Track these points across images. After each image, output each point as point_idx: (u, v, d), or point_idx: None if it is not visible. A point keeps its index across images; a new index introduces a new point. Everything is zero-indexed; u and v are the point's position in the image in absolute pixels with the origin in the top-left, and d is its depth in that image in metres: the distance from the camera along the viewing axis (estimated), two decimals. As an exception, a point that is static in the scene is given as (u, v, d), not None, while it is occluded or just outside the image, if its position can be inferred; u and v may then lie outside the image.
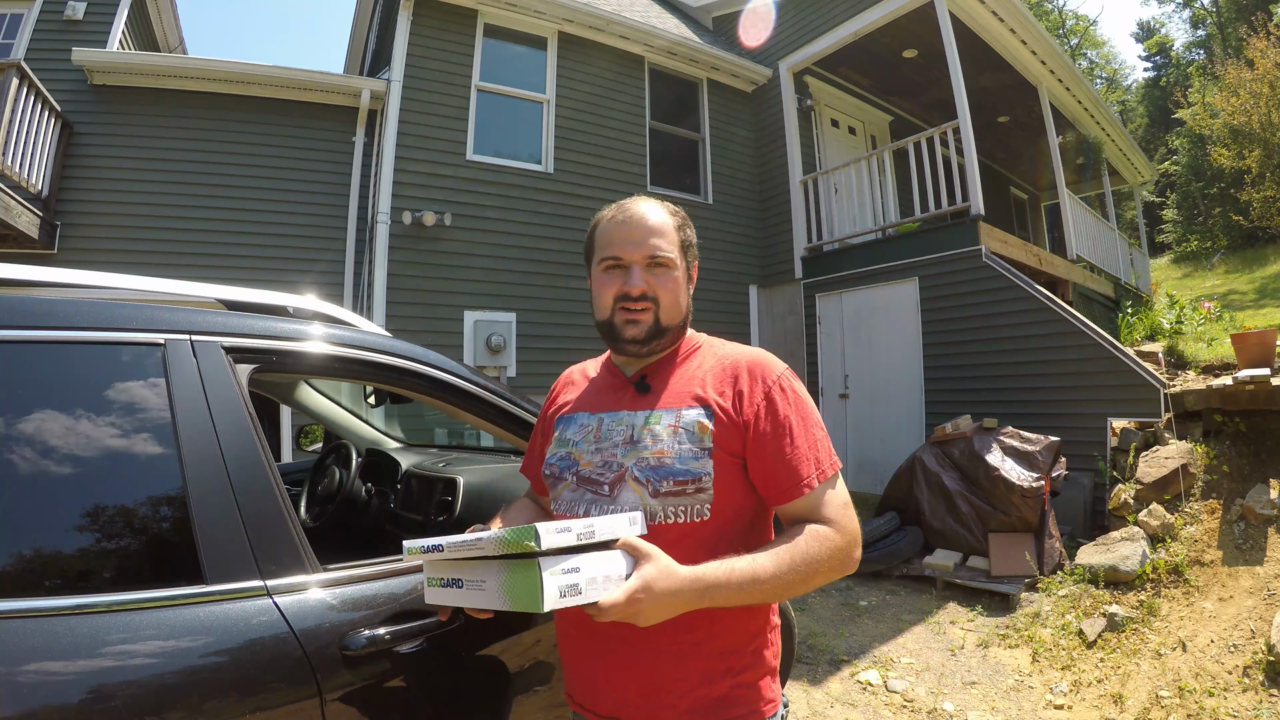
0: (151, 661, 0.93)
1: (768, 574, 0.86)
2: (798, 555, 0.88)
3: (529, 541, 0.75)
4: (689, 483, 0.94)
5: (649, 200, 1.07)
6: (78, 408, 1.01)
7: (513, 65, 6.49)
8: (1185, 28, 27.54)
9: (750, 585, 0.85)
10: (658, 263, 1.02)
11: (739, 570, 0.85)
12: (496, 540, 0.79)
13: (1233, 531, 3.74)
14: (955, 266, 5.75)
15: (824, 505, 0.94)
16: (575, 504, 1.01)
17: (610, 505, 0.97)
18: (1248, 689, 2.72)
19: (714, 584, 0.83)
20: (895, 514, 4.67)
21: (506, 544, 0.78)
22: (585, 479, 1.01)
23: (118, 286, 1.32)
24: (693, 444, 0.95)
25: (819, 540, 0.90)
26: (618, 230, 1.04)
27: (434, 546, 0.90)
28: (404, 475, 2.34)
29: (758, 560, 0.87)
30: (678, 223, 1.07)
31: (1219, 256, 16.23)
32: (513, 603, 0.80)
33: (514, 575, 0.80)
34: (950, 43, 6.04)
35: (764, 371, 1.00)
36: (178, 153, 5.66)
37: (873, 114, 8.81)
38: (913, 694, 2.96)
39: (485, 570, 0.85)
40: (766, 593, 0.87)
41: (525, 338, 6.00)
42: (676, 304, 1.04)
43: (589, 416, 1.07)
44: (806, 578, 0.88)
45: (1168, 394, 4.45)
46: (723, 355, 1.05)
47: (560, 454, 1.07)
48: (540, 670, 1.42)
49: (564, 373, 1.23)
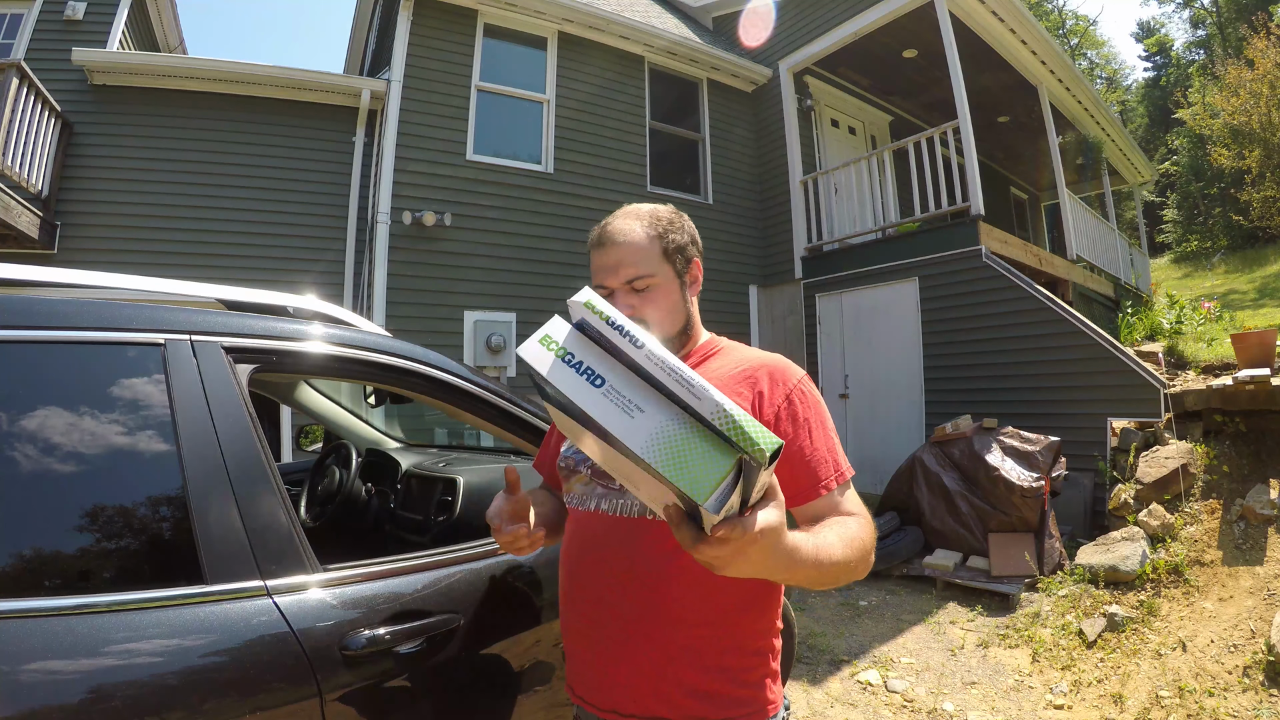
0: (151, 661, 0.93)
1: (839, 555, 0.81)
2: (853, 538, 0.85)
3: (765, 448, 0.56)
4: None
5: (625, 215, 1.05)
6: (78, 408, 1.01)
7: (513, 65, 6.50)
8: (1185, 28, 27.57)
9: (828, 565, 0.79)
10: (634, 286, 1.01)
11: (823, 548, 0.78)
12: (718, 406, 0.58)
13: (1233, 531, 3.74)
14: (955, 266, 5.75)
15: (844, 503, 0.94)
16: (587, 498, 1.03)
17: (622, 499, 0.98)
18: (1248, 689, 2.72)
19: (803, 559, 0.75)
20: (895, 514, 4.67)
21: (732, 425, 0.57)
22: (600, 473, 1.02)
23: (118, 286, 1.32)
24: None
25: (860, 526, 0.89)
26: (596, 256, 1.04)
27: (621, 328, 0.65)
28: (404, 475, 2.34)
29: (826, 539, 0.81)
30: (656, 231, 1.03)
31: (1219, 256, 16.23)
32: (666, 465, 0.57)
33: (697, 443, 0.58)
34: (950, 43, 6.04)
35: (784, 375, 1.01)
36: (178, 153, 5.66)
37: (873, 114, 8.81)
38: (913, 694, 2.96)
39: (650, 398, 0.62)
40: (834, 573, 0.81)
41: (525, 338, 5.97)
42: (669, 316, 1.04)
43: None
44: (859, 562, 0.85)
45: (1168, 394, 4.45)
46: (741, 359, 1.06)
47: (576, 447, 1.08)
48: (540, 670, 1.42)
49: None
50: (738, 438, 0.57)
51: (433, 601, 1.24)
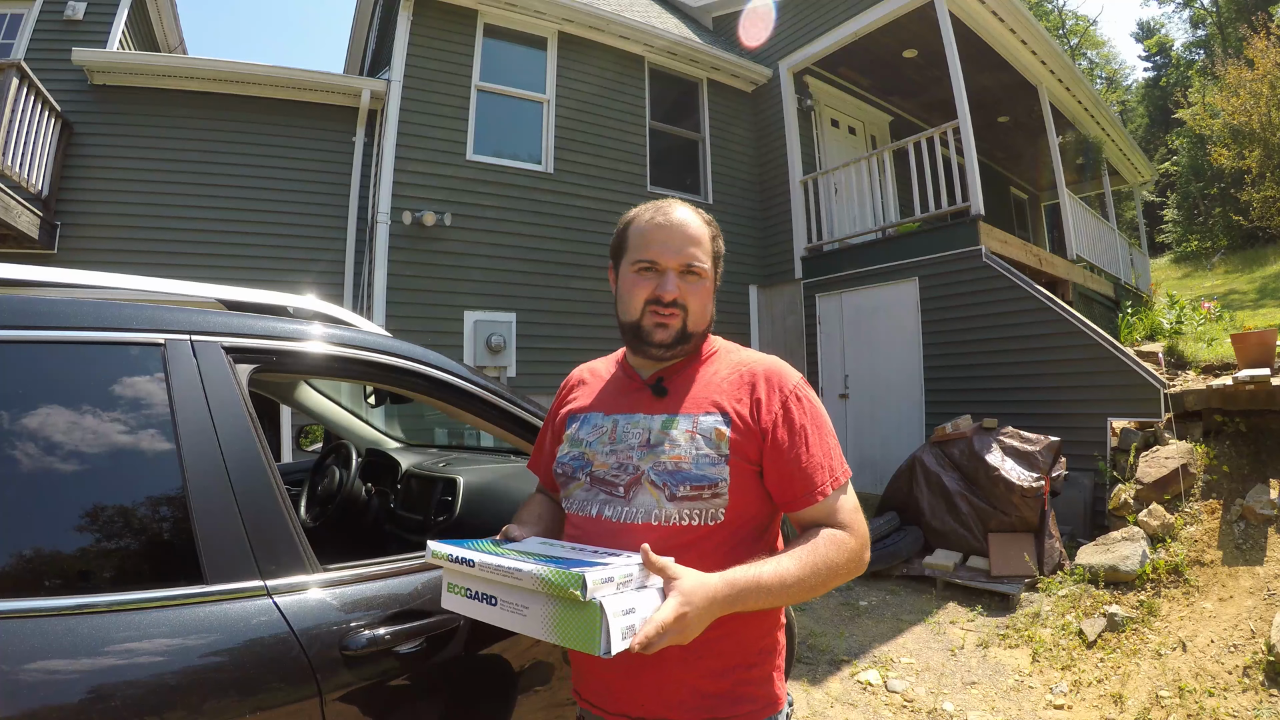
0: (151, 662, 0.93)
1: (793, 577, 0.88)
2: (819, 558, 0.91)
3: (575, 591, 0.74)
4: (705, 488, 0.95)
5: (687, 207, 1.08)
6: (78, 408, 1.01)
7: (513, 65, 6.50)
8: (1185, 28, 27.56)
9: (778, 588, 0.87)
10: (692, 271, 1.04)
11: (766, 574, 0.87)
12: (539, 579, 0.77)
13: (1233, 531, 3.74)
14: (955, 266, 5.75)
15: (838, 511, 0.97)
16: (588, 503, 1.02)
17: (625, 507, 0.98)
18: (1248, 689, 2.72)
19: (745, 588, 0.85)
20: (895, 514, 4.67)
21: (551, 586, 0.76)
22: (600, 480, 1.02)
23: (118, 286, 1.32)
24: (710, 450, 0.97)
25: (836, 544, 0.93)
26: (656, 233, 1.05)
27: (463, 560, 0.86)
28: (404, 475, 2.34)
29: (782, 563, 0.89)
30: (712, 233, 1.09)
31: (1219, 256, 16.23)
32: (564, 639, 0.77)
33: (567, 611, 0.77)
34: (950, 43, 6.04)
35: (781, 380, 1.02)
36: (178, 153, 5.66)
37: (873, 114, 8.81)
38: (913, 694, 2.96)
39: (528, 596, 0.81)
40: (791, 595, 0.88)
41: (525, 338, 6.00)
42: (704, 312, 1.06)
43: (603, 418, 1.08)
44: (826, 580, 0.91)
45: (1168, 394, 4.45)
46: (739, 362, 1.07)
47: (573, 453, 1.07)
48: (540, 670, 1.42)
49: (574, 371, 1.24)
50: (560, 592, 0.75)
51: (433, 602, 1.24)
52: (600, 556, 0.88)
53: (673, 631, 0.78)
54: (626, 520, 0.98)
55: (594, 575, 0.75)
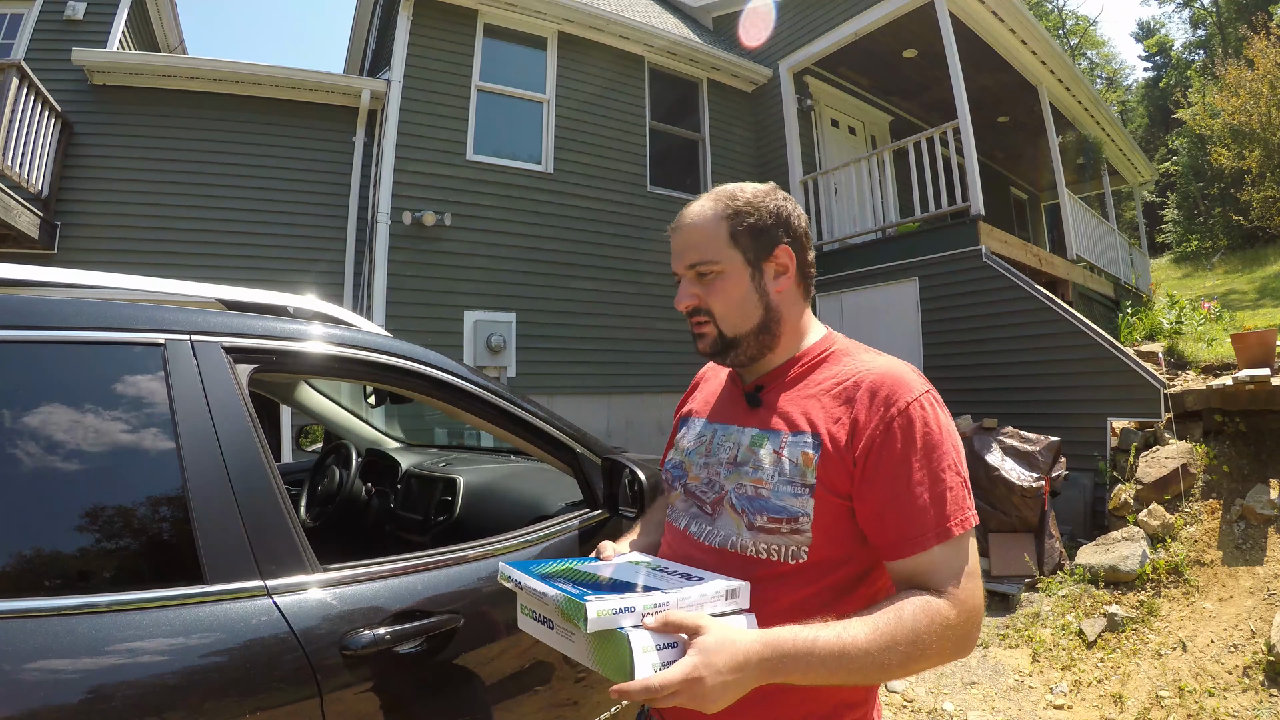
0: (151, 662, 0.93)
1: (858, 648, 0.70)
2: (901, 630, 0.72)
3: (578, 621, 0.69)
4: (784, 521, 0.83)
5: (701, 200, 0.97)
6: (78, 408, 1.01)
7: (513, 65, 6.50)
8: (1185, 28, 27.57)
9: (836, 661, 0.69)
10: (700, 272, 0.93)
11: (823, 641, 0.70)
12: (554, 605, 0.74)
13: (1233, 531, 3.74)
14: (955, 266, 5.75)
15: (936, 570, 0.77)
16: (681, 515, 0.98)
17: (709, 526, 0.92)
18: (1248, 689, 2.72)
19: (791, 653, 0.69)
20: (895, 514, 4.66)
21: (562, 613, 0.73)
22: (691, 493, 0.97)
23: (118, 286, 1.32)
24: (794, 476, 0.84)
25: (928, 614, 0.73)
26: (671, 240, 0.97)
27: (514, 581, 0.85)
28: (404, 475, 2.34)
29: (850, 629, 0.71)
30: (727, 212, 0.92)
31: (1219, 256, 16.22)
32: (603, 669, 0.71)
33: (601, 642, 0.71)
34: (950, 43, 6.04)
35: (891, 394, 0.83)
36: (178, 153, 5.66)
37: (873, 114, 8.81)
38: (912, 694, 2.96)
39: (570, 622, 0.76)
40: (856, 672, 0.71)
41: (525, 338, 6.00)
42: (737, 309, 0.92)
43: (706, 425, 1.02)
44: (908, 659, 0.72)
45: (1168, 394, 4.45)
46: (850, 370, 0.89)
47: (675, 461, 1.03)
48: (540, 670, 1.42)
49: (705, 366, 1.15)
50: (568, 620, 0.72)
51: (433, 602, 1.24)
52: (674, 580, 0.81)
53: (684, 694, 0.65)
54: (707, 541, 0.91)
55: (603, 605, 0.69)
